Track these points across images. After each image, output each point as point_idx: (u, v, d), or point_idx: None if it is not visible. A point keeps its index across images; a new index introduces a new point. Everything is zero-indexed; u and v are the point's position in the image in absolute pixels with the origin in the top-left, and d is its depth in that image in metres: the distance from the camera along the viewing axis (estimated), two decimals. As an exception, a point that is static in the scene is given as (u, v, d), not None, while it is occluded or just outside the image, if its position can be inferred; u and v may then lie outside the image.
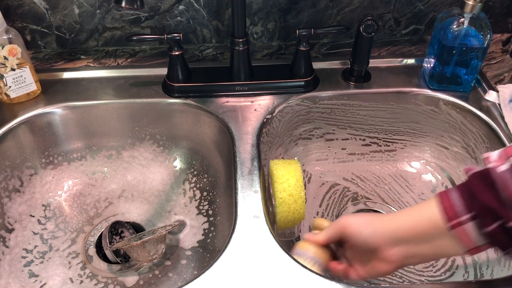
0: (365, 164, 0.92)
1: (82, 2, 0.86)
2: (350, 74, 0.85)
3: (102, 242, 0.77)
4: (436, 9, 0.92)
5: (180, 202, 0.85)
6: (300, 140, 0.89)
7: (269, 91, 0.83)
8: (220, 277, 0.58)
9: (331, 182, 0.89)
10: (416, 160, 0.91)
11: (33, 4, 0.86)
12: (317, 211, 0.84)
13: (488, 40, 0.76)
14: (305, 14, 0.91)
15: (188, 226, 0.81)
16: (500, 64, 0.90)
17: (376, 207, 0.84)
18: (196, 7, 0.88)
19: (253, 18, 0.91)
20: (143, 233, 0.79)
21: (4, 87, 0.79)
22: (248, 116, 0.79)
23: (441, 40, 0.78)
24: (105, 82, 0.86)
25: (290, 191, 0.65)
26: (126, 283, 0.74)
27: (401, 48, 0.94)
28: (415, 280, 0.75)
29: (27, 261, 0.76)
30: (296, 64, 0.82)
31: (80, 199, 0.85)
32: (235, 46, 0.79)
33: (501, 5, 0.92)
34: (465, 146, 0.85)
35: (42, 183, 0.84)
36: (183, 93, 0.82)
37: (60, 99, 0.82)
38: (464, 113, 0.82)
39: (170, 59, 0.81)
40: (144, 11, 0.88)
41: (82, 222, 0.82)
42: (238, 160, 0.72)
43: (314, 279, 0.57)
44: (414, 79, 0.86)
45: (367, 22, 0.77)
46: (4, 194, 0.79)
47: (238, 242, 0.62)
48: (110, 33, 0.91)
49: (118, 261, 0.76)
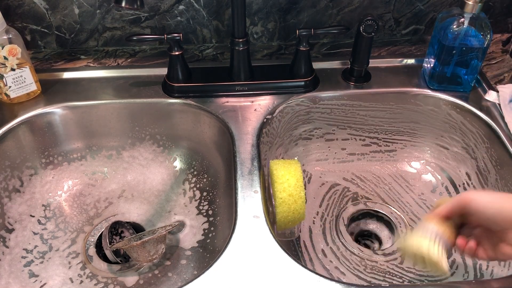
0: (365, 164, 0.92)
1: (82, 2, 0.86)
2: (350, 74, 0.85)
3: (102, 242, 0.77)
4: (436, 9, 0.92)
5: (180, 202, 0.85)
6: (300, 140, 0.89)
7: (269, 91, 0.83)
8: (220, 277, 0.58)
9: (331, 182, 0.89)
10: (416, 160, 0.91)
11: (33, 4, 0.86)
12: (317, 211, 0.84)
13: (488, 40, 0.76)
14: (305, 14, 0.91)
15: (188, 226, 0.81)
16: (500, 64, 0.90)
17: (376, 207, 0.84)
18: (196, 7, 0.88)
19: (253, 18, 0.91)
20: (143, 233, 0.79)
21: (4, 87, 0.79)
22: (248, 116, 0.79)
23: (441, 40, 0.78)
24: (105, 82, 0.86)
25: (290, 191, 0.65)
26: (126, 283, 0.74)
27: (401, 48, 0.94)
28: (415, 280, 0.75)
29: (27, 261, 0.76)
30: (296, 64, 0.82)
31: (80, 199, 0.85)
32: (235, 46, 0.79)
33: (501, 5, 0.92)
34: (465, 146, 0.85)
35: (42, 183, 0.84)
36: (183, 93, 0.82)
37: (60, 99, 0.82)
38: (464, 113, 0.82)
39: (170, 59, 0.81)
40: (144, 11, 0.88)
41: (82, 222, 0.82)
42: (238, 160, 0.72)
43: (314, 279, 0.57)
44: (414, 79, 0.86)
45: (367, 22, 0.77)
46: (4, 194, 0.79)
47: (238, 242, 0.62)
48: (110, 33, 0.91)
49: (118, 261, 0.76)
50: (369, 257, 0.77)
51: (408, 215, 0.83)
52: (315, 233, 0.81)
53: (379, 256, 0.78)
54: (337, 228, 0.82)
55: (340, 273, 0.75)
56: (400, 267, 0.76)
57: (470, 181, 0.84)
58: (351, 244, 0.79)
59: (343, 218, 0.83)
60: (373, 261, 0.77)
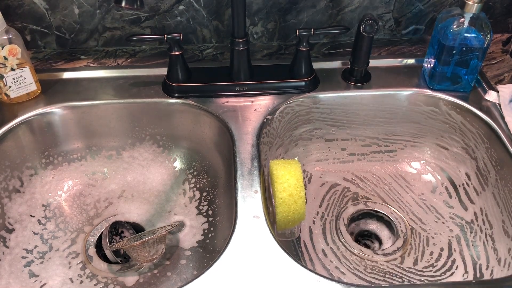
0: (365, 164, 0.92)
1: (82, 2, 0.86)
2: (350, 74, 0.85)
3: (102, 242, 0.77)
4: (436, 9, 0.92)
5: (180, 202, 0.85)
6: (300, 141, 0.89)
7: (269, 91, 0.83)
8: (220, 277, 0.58)
9: (331, 182, 0.89)
10: (416, 161, 0.91)
11: (33, 4, 0.86)
12: (317, 211, 0.84)
13: (488, 40, 0.76)
14: (305, 14, 0.91)
15: (188, 226, 0.81)
16: (500, 64, 0.90)
17: (377, 207, 0.84)
18: (196, 7, 0.88)
19: (253, 18, 0.91)
20: (143, 233, 0.79)
21: (4, 87, 0.79)
22: (248, 116, 0.79)
23: (441, 40, 0.78)
24: (105, 82, 0.86)
25: (290, 191, 0.65)
26: (126, 283, 0.74)
27: (401, 48, 0.94)
28: (415, 280, 0.75)
29: (27, 261, 0.76)
30: (296, 64, 0.82)
31: (80, 199, 0.85)
32: (235, 46, 0.79)
33: (501, 5, 0.92)
34: (465, 147, 0.85)
35: (42, 183, 0.84)
36: (183, 93, 0.82)
37: (60, 99, 0.82)
38: (464, 113, 0.82)
39: (170, 59, 0.81)
40: (144, 11, 0.88)
41: (82, 222, 0.82)
42: (238, 160, 0.72)
43: (314, 279, 0.57)
44: (414, 79, 0.86)
45: (367, 22, 0.77)
46: (4, 194, 0.79)
47: (238, 242, 0.62)
48: (110, 33, 0.91)
49: (118, 261, 0.76)
50: (369, 257, 0.77)
51: (408, 215, 0.83)
52: (315, 233, 0.81)
53: (379, 256, 0.78)
54: (337, 228, 0.82)
55: (340, 273, 0.75)
56: (400, 267, 0.76)
57: (469, 181, 0.84)
58: (351, 244, 0.79)
59: (343, 218, 0.83)
60: (373, 261, 0.77)
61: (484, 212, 0.80)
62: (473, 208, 0.82)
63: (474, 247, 0.78)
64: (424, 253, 0.78)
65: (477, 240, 0.79)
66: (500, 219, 0.76)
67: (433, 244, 0.79)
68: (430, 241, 0.80)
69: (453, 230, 0.81)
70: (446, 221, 0.82)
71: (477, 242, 0.78)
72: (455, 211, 0.84)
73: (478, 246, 0.78)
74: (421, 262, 0.77)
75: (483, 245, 0.77)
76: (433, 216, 0.83)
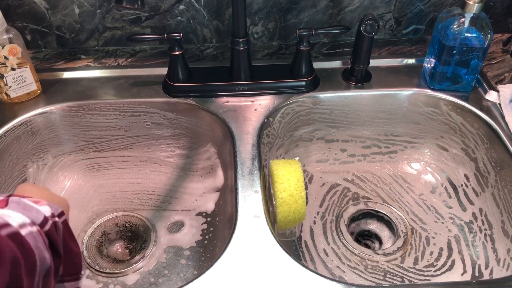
0: (366, 165, 0.92)
1: (82, 2, 0.86)
2: (351, 74, 0.85)
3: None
4: (437, 9, 0.92)
5: (180, 202, 0.85)
6: (301, 142, 0.89)
7: (270, 91, 0.83)
8: (220, 277, 0.58)
9: (332, 183, 0.89)
10: (416, 162, 0.91)
11: (33, 3, 0.86)
12: (318, 211, 0.84)
13: (489, 40, 0.76)
14: (305, 14, 0.90)
15: (187, 226, 0.81)
16: (501, 64, 0.90)
17: (377, 207, 0.84)
18: (196, 6, 0.88)
19: (254, 18, 0.90)
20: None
21: (4, 87, 0.79)
22: (249, 116, 0.79)
23: (442, 40, 0.78)
24: (106, 82, 0.86)
25: (290, 191, 0.65)
26: (126, 283, 0.74)
27: (401, 48, 0.94)
28: (415, 280, 0.75)
29: (27, 261, 0.76)
30: (296, 64, 0.82)
31: (80, 199, 0.85)
32: (235, 46, 0.79)
33: (502, 5, 0.92)
34: (464, 148, 0.85)
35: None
36: (184, 93, 0.82)
37: (60, 99, 0.82)
38: (465, 113, 0.82)
39: (171, 59, 0.81)
40: (145, 11, 0.88)
41: (82, 222, 0.82)
42: (239, 160, 0.72)
43: (314, 279, 0.57)
44: (415, 79, 0.86)
45: (367, 22, 0.77)
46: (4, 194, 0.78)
47: (239, 242, 0.62)
48: (110, 33, 0.91)
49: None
50: (369, 257, 0.77)
51: (408, 215, 0.83)
52: (315, 233, 0.81)
53: (379, 256, 0.78)
54: (338, 228, 0.82)
55: (340, 273, 0.75)
56: (401, 267, 0.76)
57: (468, 182, 0.84)
58: (351, 244, 0.79)
59: (343, 218, 0.83)
60: (374, 261, 0.77)
61: (483, 213, 0.80)
62: (472, 208, 0.82)
63: (474, 247, 0.78)
64: (424, 253, 0.78)
65: (477, 240, 0.79)
66: (499, 220, 0.76)
67: (433, 244, 0.79)
68: (430, 241, 0.80)
69: (453, 230, 0.81)
70: (446, 221, 0.83)
71: (476, 242, 0.78)
72: (455, 212, 0.84)
73: (478, 246, 0.78)
74: (421, 262, 0.77)
75: (482, 245, 0.77)
76: (433, 216, 0.83)
